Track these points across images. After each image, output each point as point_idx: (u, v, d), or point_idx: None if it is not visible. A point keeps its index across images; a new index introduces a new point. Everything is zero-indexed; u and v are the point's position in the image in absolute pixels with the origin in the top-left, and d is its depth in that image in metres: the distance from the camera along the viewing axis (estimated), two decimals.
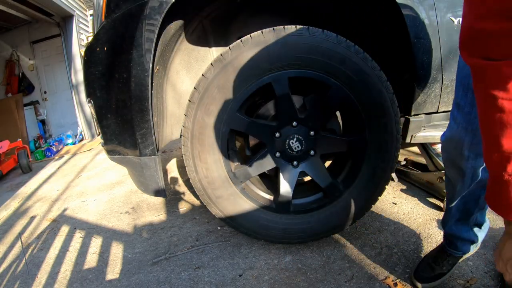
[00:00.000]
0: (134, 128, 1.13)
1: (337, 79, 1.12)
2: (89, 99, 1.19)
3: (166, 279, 1.24)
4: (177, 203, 1.93)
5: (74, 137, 5.28)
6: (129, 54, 1.06)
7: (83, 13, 5.56)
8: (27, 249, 1.65)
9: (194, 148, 1.18)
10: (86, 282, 1.30)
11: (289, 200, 1.26)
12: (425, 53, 1.16)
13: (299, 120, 1.19)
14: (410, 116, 1.26)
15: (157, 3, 1.02)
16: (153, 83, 1.14)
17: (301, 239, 1.29)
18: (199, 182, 1.23)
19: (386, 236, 1.34)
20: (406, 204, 1.59)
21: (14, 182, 3.29)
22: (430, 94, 1.23)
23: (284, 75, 1.12)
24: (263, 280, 1.18)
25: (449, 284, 1.04)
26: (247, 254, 1.34)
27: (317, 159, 1.25)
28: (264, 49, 1.08)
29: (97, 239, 1.65)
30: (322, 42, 1.08)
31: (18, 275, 1.43)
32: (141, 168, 1.21)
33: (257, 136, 1.23)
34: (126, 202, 2.10)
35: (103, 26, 1.09)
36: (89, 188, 2.56)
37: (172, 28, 1.20)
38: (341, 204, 1.25)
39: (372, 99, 1.13)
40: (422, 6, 1.14)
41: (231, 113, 1.15)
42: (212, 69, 1.11)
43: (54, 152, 4.58)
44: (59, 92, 5.64)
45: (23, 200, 2.57)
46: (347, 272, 1.16)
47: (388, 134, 1.17)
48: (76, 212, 2.07)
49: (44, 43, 5.46)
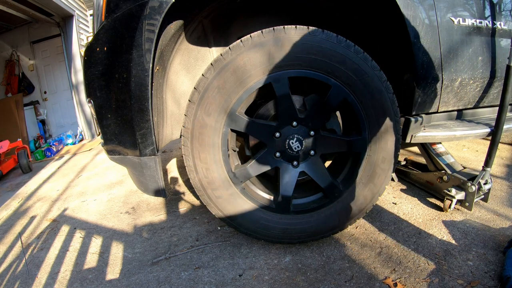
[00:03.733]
0: (134, 128, 1.13)
1: (337, 79, 1.12)
2: (89, 99, 1.19)
3: (166, 279, 1.24)
4: (177, 203, 1.93)
5: (74, 137, 5.28)
6: (129, 54, 1.05)
7: (83, 13, 5.56)
8: (27, 249, 1.65)
9: (194, 148, 1.18)
10: (86, 282, 1.30)
11: (289, 200, 1.26)
12: (425, 53, 1.16)
13: (299, 120, 1.19)
14: (410, 116, 1.26)
15: (157, 3, 1.02)
16: (153, 83, 1.14)
17: (301, 239, 1.29)
18: (199, 182, 1.23)
19: (386, 236, 1.34)
20: (406, 204, 1.59)
21: (14, 182, 3.29)
22: (430, 94, 1.23)
23: (284, 75, 1.12)
24: (263, 280, 1.18)
25: (449, 284, 1.04)
26: (247, 254, 1.34)
27: (317, 159, 1.25)
28: (264, 49, 1.08)
29: (97, 239, 1.65)
30: (322, 42, 1.08)
31: (18, 275, 1.43)
32: (141, 168, 1.21)
33: (257, 136, 1.23)
34: (126, 202, 2.10)
35: (103, 26, 1.09)
36: (89, 188, 2.56)
37: (172, 28, 1.20)
38: (341, 204, 1.25)
39: (372, 99, 1.13)
40: (422, 6, 1.14)
41: (231, 113, 1.15)
42: (212, 69, 1.11)
43: (54, 152, 4.58)
44: (59, 92, 5.64)
45: (23, 200, 2.57)
46: (347, 272, 1.16)
47: (388, 134, 1.17)
48: (76, 212, 2.07)
49: (44, 43, 5.47)
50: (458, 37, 1.22)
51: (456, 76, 1.24)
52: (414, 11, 1.12)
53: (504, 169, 1.90)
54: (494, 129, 1.26)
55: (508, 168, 1.91)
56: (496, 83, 1.35)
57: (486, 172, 1.32)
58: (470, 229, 1.33)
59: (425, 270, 1.12)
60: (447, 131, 1.28)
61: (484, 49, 1.27)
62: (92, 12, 1.66)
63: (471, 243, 1.24)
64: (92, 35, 1.18)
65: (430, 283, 1.06)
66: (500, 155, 2.13)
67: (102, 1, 1.10)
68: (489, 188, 1.39)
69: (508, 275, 0.99)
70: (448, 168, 1.50)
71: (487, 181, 1.35)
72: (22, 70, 5.54)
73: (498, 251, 1.18)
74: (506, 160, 2.04)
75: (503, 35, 1.31)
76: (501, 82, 1.32)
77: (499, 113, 1.22)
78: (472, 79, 1.28)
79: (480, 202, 1.52)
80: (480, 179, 1.33)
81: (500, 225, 1.34)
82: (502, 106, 1.20)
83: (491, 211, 1.45)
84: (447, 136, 1.28)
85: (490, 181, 1.37)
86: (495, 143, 1.26)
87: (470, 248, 1.21)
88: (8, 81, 5.43)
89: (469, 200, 1.37)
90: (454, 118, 1.42)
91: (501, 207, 1.48)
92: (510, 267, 1.02)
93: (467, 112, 1.44)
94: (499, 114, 1.22)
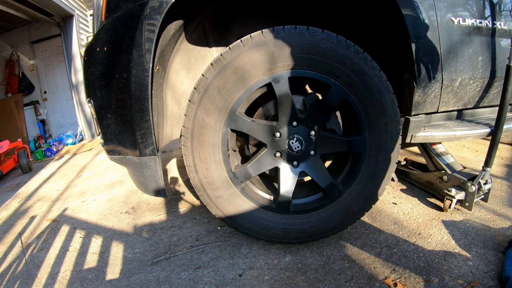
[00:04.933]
0: (134, 128, 1.13)
1: (337, 79, 1.12)
2: (89, 99, 1.19)
3: (166, 279, 1.24)
4: (177, 203, 1.93)
5: (74, 137, 5.28)
6: (129, 54, 1.05)
7: (83, 13, 5.56)
8: (27, 249, 1.65)
9: (194, 148, 1.18)
10: (86, 282, 1.30)
11: (289, 200, 1.26)
12: (425, 53, 1.16)
13: (299, 120, 1.19)
14: (410, 116, 1.26)
15: (157, 3, 1.02)
16: (153, 83, 1.13)
17: (301, 239, 1.29)
18: (199, 182, 1.23)
19: (386, 236, 1.34)
20: (406, 204, 1.59)
21: (14, 182, 3.29)
22: (430, 94, 1.23)
23: (284, 75, 1.12)
24: (263, 280, 1.18)
25: (449, 284, 1.04)
26: (247, 254, 1.34)
27: (317, 159, 1.25)
28: (264, 49, 1.08)
29: (97, 239, 1.65)
30: (322, 42, 1.08)
31: (18, 275, 1.43)
32: (141, 168, 1.21)
33: (257, 136, 1.23)
34: (126, 202, 2.10)
35: (103, 26, 1.09)
36: (89, 188, 2.56)
37: (172, 28, 1.20)
38: (341, 204, 1.25)
39: (372, 99, 1.13)
40: (422, 6, 1.14)
41: (231, 113, 1.15)
42: (212, 69, 1.11)
43: (54, 152, 4.58)
44: (59, 92, 5.64)
45: (23, 200, 2.57)
46: (347, 272, 1.16)
47: (388, 134, 1.17)
48: (76, 212, 2.07)
49: (44, 43, 5.47)
50: (458, 37, 1.22)
51: (456, 76, 1.24)
52: (414, 11, 1.12)
53: (504, 169, 1.90)
54: (494, 129, 1.26)
55: (508, 168, 1.91)
56: (496, 83, 1.35)
57: (486, 172, 1.32)
58: (470, 229, 1.33)
59: (425, 270, 1.12)
60: (447, 131, 1.28)
61: (484, 49, 1.27)
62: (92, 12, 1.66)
63: (471, 243, 1.24)
64: (92, 35, 1.18)
65: (430, 283, 1.06)
66: (500, 155, 2.13)
67: (102, 1, 1.10)
68: (489, 188, 1.39)
69: (508, 275, 0.99)
70: (448, 168, 1.50)
71: (487, 181, 1.35)
72: (22, 70, 5.54)
73: (498, 251, 1.18)
74: (506, 160, 2.04)
75: (503, 35, 1.31)
76: (501, 82, 1.32)
77: (499, 113, 1.22)
78: (472, 79, 1.28)
79: (480, 202, 1.52)
80: (480, 179, 1.33)
81: (500, 225, 1.34)
82: (502, 106, 1.20)
83: (491, 211, 1.45)
84: (447, 136, 1.28)
85: (490, 181, 1.37)
86: (495, 143, 1.26)
87: (470, 248, 1.21)
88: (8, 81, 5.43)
89: (469, 200, 1.37)
90: (454, 118, 1.42)
91: (501, 207, 1.48)
92: (510, 267, 1.02)
93: (467, 112, 1.44)
94: (499, 114, 1.22)
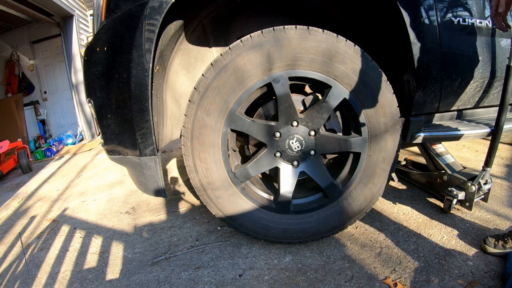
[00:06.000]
0: (134, 128, 1.13)
1: (337, 79, 1.12)
2: (89, 99, 1.19)
3: (166, 279, 1.24)
4: (177, 203, 1.93)
5: (74, 137, 5.27)
6: (129, 54, 1.05)
7: (83, 13, 5.55)
8: (27, 249, 1.65)
9: (194, 148, 1.18)
10: (86, 282, 1.30)
11: (289, 200, 1.26)
12: (425, 53, 1.16)
13: (299, 120, 1.19)
14: (410, 116, 1.26)
15: (157, 3, 1.02)
16: (153, 83, 1.13)
17: (301, 239, 1.29)
18: (199, 182, 1.23)
19: (386, 236, 1.34)
20: (406, 204, 1.59)
21: (14, 182, 3.28)
22: (430, 94, 1.23)
23: (284, 75, 1.12)
24: (263, 280, 1.18)
25: (449, 284, 1.04)
26: (247, 254, 1.34)
27: (317, 159, 1.25)
28: (264, 49, 1.08)
29: (97, 239, 1.65)
30: (322, 42, 1.08)
31: (18, 275, 1.43)
32: (141, 168, 1.21)
33: (257, 136, 1.23)
34: (126, 202, 2.10)
35: (103, 26, 1.09)
36: (89, 188, 2.56)
37: (172, 28, 1.20)
38: (341, 204, 1.25)
39: (372, 99, 1.13)
40: (422, 6, 1.14)
41: (231, 113, 1.15)
42: (212, 69, 1.11)
43: (54, 152, 4.58)
44: (59, 92, 5.64)
45: (23, 200, 2.57)
46: (347, 272, 1.16)
47: (388, 134, 1.17)
48: (76, 212, 2.07)
49: (44, 43, 5.46)
50: (458, 37, 1.22)
51: (456, 76, 1.24)
52: (414, 11, 1.12)
53: (504, 169, 1.90)
54: (494, 129, 1.26)
55: (508, 168, 1.91)
56: (496, 83, 1.35)
57: (486, 172, 1.32)
58: (470, 229, 1.33)
59: (425, 270, 1.12)
60: (447, 131, 1.28)
61: (484, 49, 1.27)
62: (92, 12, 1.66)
63: (471, 243, 1.24)
64: (92, 35, 1.18)
65: (430, 283, 1.06)
66: (500, 155, 2.13)
67: (102, 1, 1.10)
68: (489, 188, 1.39)
69: (510, 272, 0.99)
70: (448, 168, 1.50)
71: (487, 181, 1.35)
72: (22, 70, 5.53)
73: None
74: (506, 160, 2.04)
75: (503, 35, 1.31)
76: (501, 82, 1.31)
77: (499, 113, 1.22)
78: (472, 79, 1.28)
79: (480, 202, 1.51)
80: (480, 179, 1.33)
81: (500, 225, 1.34)
82: (502, 106, 1.20)
83: (491, 211, 1.45)
84: (447, 136, 1.28)
85: (490, 181, 1.37)
86: (495, 143, 1.26)
87: (470, 248, 1.21)
88: (8, 81, 5.43)
89: (469, 200, 1.37)
90: (454, 118, 1.42)
91: (501, 207, 1.48)
92: (511, 267, 1.02)
93: (467, 112, 1.44)
94: (499, 114, 1.22)
